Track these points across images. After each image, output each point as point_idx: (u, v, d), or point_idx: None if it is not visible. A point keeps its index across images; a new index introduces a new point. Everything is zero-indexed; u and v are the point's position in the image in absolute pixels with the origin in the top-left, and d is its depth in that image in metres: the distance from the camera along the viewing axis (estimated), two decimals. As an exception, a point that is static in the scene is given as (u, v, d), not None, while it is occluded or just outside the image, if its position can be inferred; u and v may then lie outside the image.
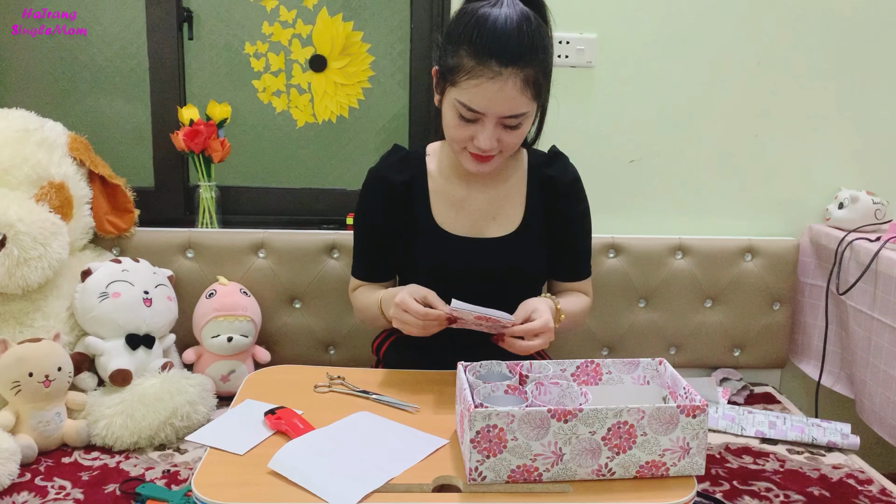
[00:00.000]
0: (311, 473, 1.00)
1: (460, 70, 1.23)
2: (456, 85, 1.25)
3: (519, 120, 1.27)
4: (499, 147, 1.30)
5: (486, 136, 1.26)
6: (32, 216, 1.47)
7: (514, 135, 1.29)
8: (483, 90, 1.22)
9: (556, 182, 1.43)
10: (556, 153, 1.47)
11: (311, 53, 1.90)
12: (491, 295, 1.40)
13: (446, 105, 1.30)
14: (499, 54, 1.20)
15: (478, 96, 1.23)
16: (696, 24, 1.81)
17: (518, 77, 1.22)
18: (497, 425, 0.97)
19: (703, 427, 1.02)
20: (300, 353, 1.77)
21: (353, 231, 1.51)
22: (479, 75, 1.22)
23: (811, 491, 1.36)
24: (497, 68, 1.21)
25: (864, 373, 1.63)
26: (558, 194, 1.43)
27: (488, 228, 1.42)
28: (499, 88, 1.22)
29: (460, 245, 1.41)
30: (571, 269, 1.49)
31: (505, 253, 1.41)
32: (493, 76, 1.21)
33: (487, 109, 1.24)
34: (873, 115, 1.88)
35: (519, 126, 1.28)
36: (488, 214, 1.42)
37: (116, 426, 1.40)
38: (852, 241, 1.69)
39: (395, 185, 1.42)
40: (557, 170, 1.44)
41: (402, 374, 1.37)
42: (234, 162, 1.89)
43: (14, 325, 1.49)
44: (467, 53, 1.22)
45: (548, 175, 1.43)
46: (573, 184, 1.44)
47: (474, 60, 1.22)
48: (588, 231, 1.49)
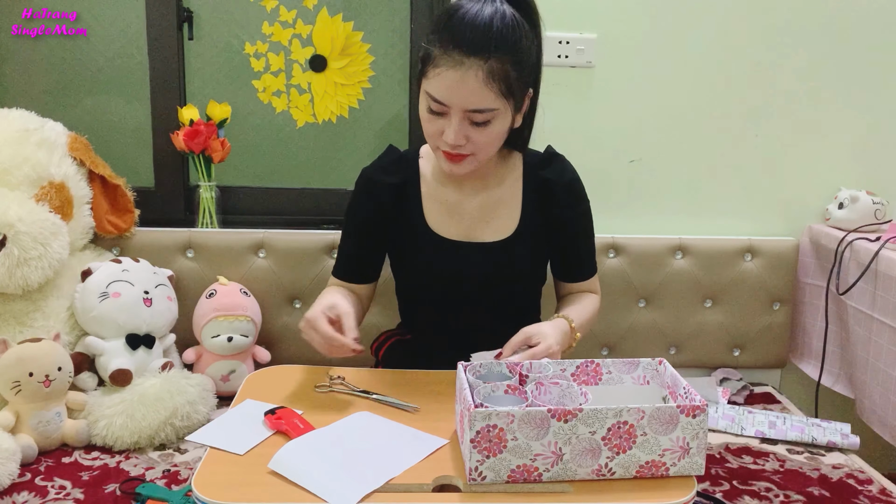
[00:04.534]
0: (311, 473, 1.00)
1: (429, 61, 1.23)
2: (425, 76, 1.24)
3: (486, 116, 1.24)
4: (470, 146, 1.27)
5: (452, 129, 1.24)
6: (32, 216, 1.47)
7: (483, 133, 1.26)
8: (445, 79, 1.21)
9: (553, 185, 1.41)
10: (552, 154, 1.45)
11: (311, 53, 1.90)
12: (485, 300, 1.40)
13: (420, 99, 1.28)
14: (462, 44, 1.19)
15: (441, 86, 1.22)
16: (696, 24, 1.81)
17: (481, 68, 1.19)
18: (497, 425, 0.97)
19: (703, 427, 1.02)
20: (300, 353, 1.76)
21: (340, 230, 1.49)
22: (442, 64, 1.21)
23: (811, 491, 1.36)
24: (459, 57, 1.19)
25: (864, 373, 1.63)
26: (556, 197, 1.41)
27: (483, 233, 1.41)
28: (460, 77, 1.20)
29: (454, 249, 1.40)
30: (577, 270, 1.48)
31: (499, 258, 1.39)
32: (455, 65, 1.20)
33: (450, 100, 1.22)
34: (873, 115, 1.88)
35: (487, 123, 1.25)
36: (482, 219, 1.41)
37: (116, 426, 1.40)
38: (852, 241, 1.69)
39: (385, 187, 1.41)
40: (554, 172, 1.42)
41: (402, 374, 1.37)
42: (234, 162, 1.89)
43: (14, 325, 1.49)
44: (435, 42, 1.22)
45: (544, 178, 1.41)
46: (571, 185, 1.42)
47: (440, 49, 1.21)
48: (590, 230, 1.48)
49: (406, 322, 1.58)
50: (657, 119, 1.85)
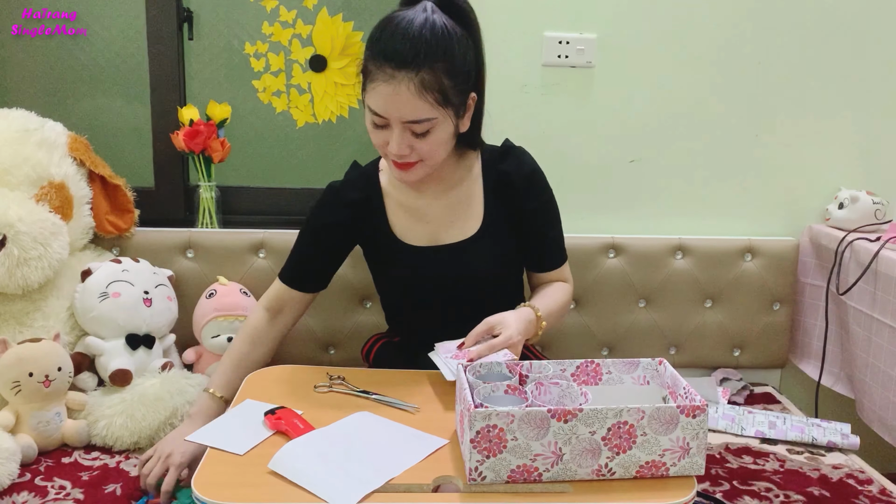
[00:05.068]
0: (311, 473, 1.01)
1: (367, 74, 1.24)
2: (365, 90, 1.25)
3: (425, 126, 1.24)
4: (415, 154, 1.28)
5: (394, 141, 1.25)
6: (32, 216, 1.47)
7: (426, 142, 1.26)
8: (380, 93, 1.22)
9: (512, 177, 1.40)
10: (508, 147, 1.44)
11: (311, 53, 1.90)
12: (461, 299, 1.41)
13: (365, 112, 1.29)
14: (392, 57, 1.20)
15: (378, 100, 1.23)
16: (696, 24, 1.81)
17: (412, 81, 1.20)
18: (497, 425, 0.97)
19: (703, 427, 1.02)
20: (300, 353, 1.77)
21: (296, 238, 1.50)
22: (376, 78, 1.22)
23: (811, 491, 1.36)
24: (391, 71, 1.20)
25: (864, 373, 1.63)
26: (516, 189, 1.41)
27: (447, 235, 1.41)
28: (393, 91, 1.21)
29: (418, 255, 1.40)
30: (545, 259, 1.47)
31: (467, 257, 1.40)
32: (388, 79, 1.21)
33: (387, 113, 1.23)
34: (873, 115, 1.88)
35: (428, 133, 1.26)
36: (446, 221, 1.41)
37: (116, 426, 1.40)
38: (852, 241, 1.69)
39: (347, 203, 1.44)
40: (511, 164, 1.41)
41: (403, 374, 1.37)
42: (234, 162, 1.89)
43: (14, 325, 1.49)
44: (369, 58, 1.24)
45: (502, 171, 1.41)
46: (530, 176, 1.41)
47: (373, 64, 1.22)
48: (556, 219, 1.47)
49: (392, 327, 1.60)
50: (657, 119, 1.85)
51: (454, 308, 1.40)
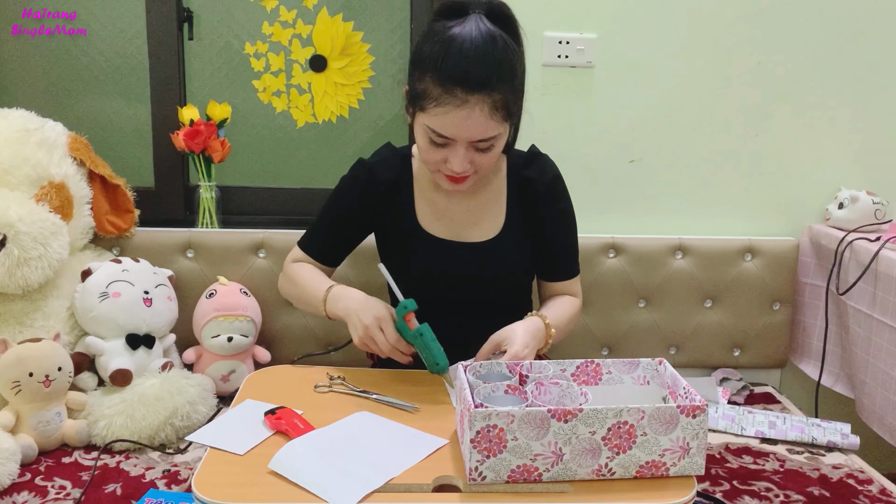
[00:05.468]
0: (311, 473, 1.01)
1: (427, 97, 1.23)
2: (425, 111, 1.24)
3: (490, 143, 1.26)
4: (473, 168, 1.29)
5: (458, 159, 1.26)
6: (32, 216, 1.47)
7: (487, 156, 1.28)
8: (451, 118, 1.21)
9: (535, 183, 1.42)
10: (534, 154, 1.46)
11: (311, 53, 1.90)
12: (475, 298, 1.41)
13: (417, 129, 1.29)
14: (464, 82, 1.19)
15: (446, 123, 1.22)
16: (696, 24, 1.81)
17: (486, 103, 1.20)
18: (497, 425, 0.97)
19: (703, 427, 1.02)
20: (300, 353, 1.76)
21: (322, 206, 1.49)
22: (446, 103, 1.21)
23: (811, 491, 1.36)
24: (463, 96, 1.19)
25: (864, 373, 1.63)
26: (537, 195, 1.42)
27: (470, 234, 1.42)
28: (466, 115, 1.21)
29: (443, 248, 1.41)
30: (556, 268, 1.48)
31: (487, 257, 1.41)
32: (461, 104, 1.20)
33: (457, 136, 1.24)
34: (873, 115, 1.88)
35: (491, 147, 1.27)
36: (470, 220, 1.42)
37: (116, 426, 1.40)
38: (852, 241, 1.69)
39: (379, 182, 1.43)
40: (536, 171, 1.43)
41: (402, 374, 1.36)
42: (234, 162, 1.89)
43: (14, 325, 1.49)
44: (433, 80, 1.21)
45: (526, 177, 1.43)
46: (552, 183, 1.43)
47: (440, 88, 1.21)
48: (572, 229, 1.48)
49: None
50: (657, 119, 1.85)
51: (466, 306, 1.41)
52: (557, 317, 1.39)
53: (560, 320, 1.39)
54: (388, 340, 1.26)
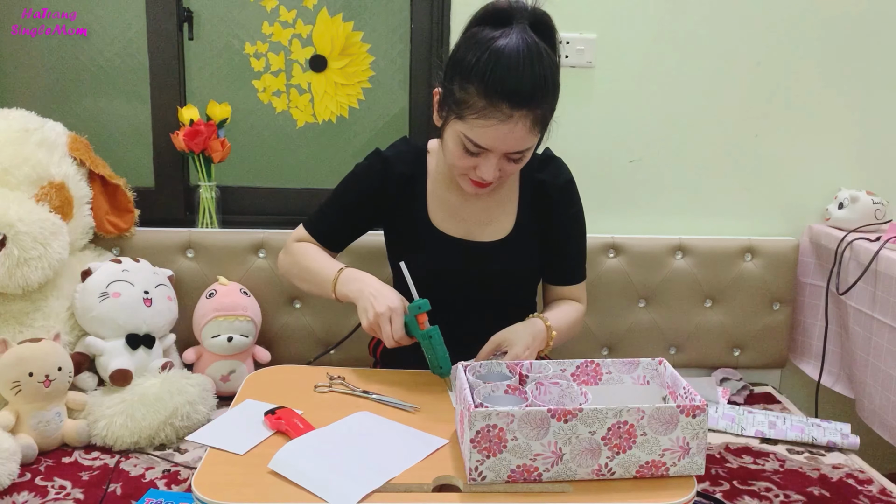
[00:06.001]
0: (311, 473, 1.01)
1: (469, 106, 1.21)
2: (463, 119, 1.23)
3: (523, 153, 1.27)
4: (500, 174, 1.30)
5: (489, 168, 1.26)
6: (32, 216, 1.47)
7: (516, 165, 1.29)
8: (493, 131, 1.21)
9: (548, 186, 1.42)
10: (548, 157, 1.46)
11: (311, 53, 1.90)
12: (482, 298, 1.41)
13: (450, 135, 1.28)
14: (510, 97, 1.18)
15: (486, 136, 1.22)
16: (696, 24, 1.81)
17: (528, 119, 1.20)
18: (497, 425, 0.97)
19: (703, 427, 1.02)
20: (300, 353, 1.77)
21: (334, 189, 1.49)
22: (490, 116, 1.20)
23: (811, 491, 1.36)
24: (508, 111, 1.19)
25: (864, 373, 1.63)
26: (550, 198, 1.43)
27: (481, 233, 1.42)
28: (509, 130, 1.21)
29: (454, 246, 1.41)
30: (563, 272, 1.48)
31: (496, 258, 1.41)
32: (504, 119, 1.19)
33: (494, 147, 1.24)
34: (873, 115, 1.88)
35: (522, 157, 1.28)
36: (481, 220, 1.43)
37: (116, 426, 1.40)
38: (852, 241, 1.69)
39: (394, 175, 1.43)
40: (549, 174, 1.43)
41: (402, 374, 1.37)
42: (234, 162, 1.89)
43: (14, 325, 1.49)
44: (477, 92, 1.20)
45: (539, 179, 1.43)
46: (565, 187, 1.44)
47: (485, 100, 1.19)
48: (581, 234, 1.48)
49: None
50: (657, 119, 1.85)
51: (472, 305, 1.41)
52: (559, 320, 1.39)
53: (562, 323, 1.39)
54: (392, 334, 1.26)
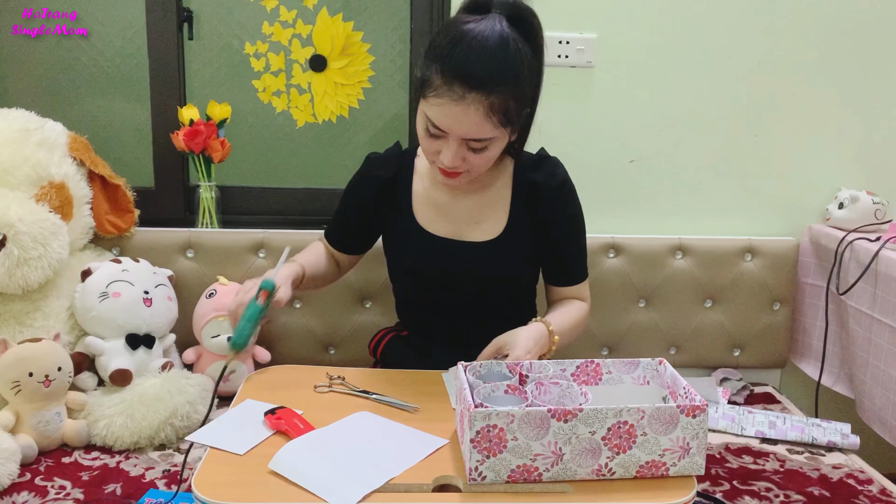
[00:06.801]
0: (311, 473, 1.01)
1: (430, 85, 1.23)
2: (426, 98, 1.24)
3: (484, 144, 1.25)
4: (465, 166, 1.29)
5: (449, 154, 1.26)
6: (32, 216, 1.47)
7: (479, 157, 1.28)
8: (446, 110, 1.21)
9: (542, 187, 1.41)
10: (543, 157, 1.45)
11: (311, 53, 1.90)
12: (475, 298, 1.41)
13: (418, 116, 1.29)
14: (465, 78, 1.19)
15: (441, 115, 1.22)
16: (696, 24, 1.81)
17: (482, 103, 1.20)
18: (497, 425, 0.97)
19: (703, 427, 1.02)
20: (300, 353, 1.77)
21: None
22: (444, 95, 1.20)
23: (811, 491, 1.36)
24: (461, 91, 1.19)
25: (864, 373, 1.63)
26: (543, 199, 1.41)
27: (471, 233, 1.42)
28: (461, 111, 1.20)
29: (440, 246, 1.41)
30: (564, 273, 1.48)
31: (486, 258, 1.40)
32: (457, 99, 1.20)
33: (450, 129, 1.23)
34: (873, 115, 1.88)
35: (485, 149, 1.27)
36: (471, 220, 1.42)
37: (116, 426, 1.40)
38: (852, 241, 1.69)
39: (375, 178, 1.46)
40: (543, 175, 1.42)
41: (402, 374, 1.37)
42: (234, 162, 1.89)
43: (14, 325, 1.49)
44: (436, 71, 1.21)
45: (533, 180, 1.42)
46: (560, 188, 1.42)
47: (441, 79, 1.21)
48: (580, 234, 1.47)
49: (403, 320, 1.59)
50: (657, 119, 1.85)
51: (466, 307, 1.41)
52: (562, 322, 1.37)
53: (564, 326, 1.38)
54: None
